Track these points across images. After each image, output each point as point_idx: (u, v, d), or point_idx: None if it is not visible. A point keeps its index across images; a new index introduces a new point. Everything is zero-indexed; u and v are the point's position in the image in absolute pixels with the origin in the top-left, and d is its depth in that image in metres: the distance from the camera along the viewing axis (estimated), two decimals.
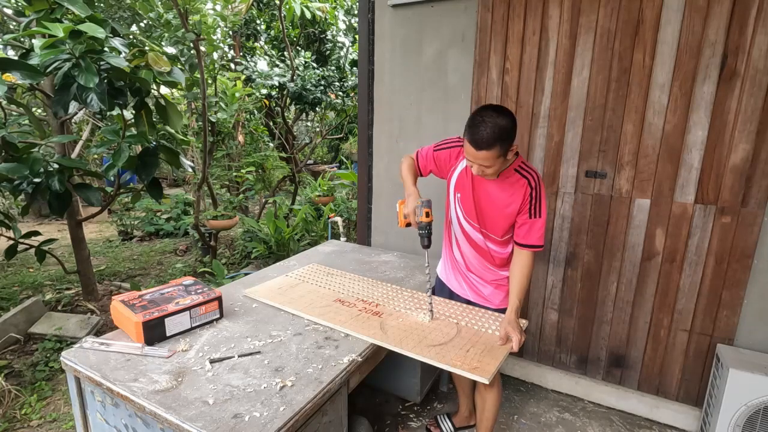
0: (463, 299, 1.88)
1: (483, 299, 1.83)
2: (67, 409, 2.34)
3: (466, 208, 1.70)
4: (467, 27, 2.39)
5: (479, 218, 1.68)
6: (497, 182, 1.61)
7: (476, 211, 1.67)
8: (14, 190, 2.53)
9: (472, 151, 1.45)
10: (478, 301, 1.84)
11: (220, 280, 3.72)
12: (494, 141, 1.40)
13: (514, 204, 1.59)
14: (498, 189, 1.61)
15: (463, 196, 1.69)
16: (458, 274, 1.88)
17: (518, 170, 1.59)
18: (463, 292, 1.88)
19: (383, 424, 2.25)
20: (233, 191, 5.76)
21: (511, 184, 1.59)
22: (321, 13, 5.99)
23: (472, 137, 1.43)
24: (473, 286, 1.84)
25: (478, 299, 1.84)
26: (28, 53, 2.35)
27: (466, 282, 1.86)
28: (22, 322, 2.95)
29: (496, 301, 1.81)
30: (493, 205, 1.63)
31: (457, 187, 1.71)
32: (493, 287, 1.80)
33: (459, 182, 1.70)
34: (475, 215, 1.68)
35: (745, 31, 1.82)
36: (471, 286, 1.84)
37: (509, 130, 1.43)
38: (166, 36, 3.99)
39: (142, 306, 1.55)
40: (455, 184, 1.72)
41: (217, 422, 1.13)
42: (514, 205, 1.59)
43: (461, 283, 1.88)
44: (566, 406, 2.40)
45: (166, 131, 3.07)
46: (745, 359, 1.92)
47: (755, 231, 1.93)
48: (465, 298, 1.88)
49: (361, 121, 2.88)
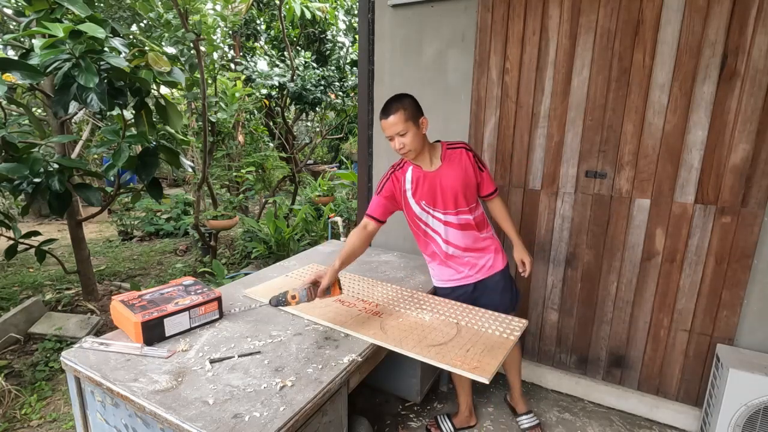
0: (471, 284, 1.97)
1: (489, 269, 1.96)
2: (67, 409, 2.34)
3: (438, 204, 1.86)
4: (467, 27, 2.39)
5: (451, 203, 1.86)
6: (445, 167, 1.83)
7: (446, 199, 1.85)
8: (14, 190, 2.53)
9: (384, 124, 1.72)
10: (486, 275, 1.96)
11: (220, 280, 3.72)
12: (397, 107, 1.69)
13: (469, 171, 1.84)
14: (450, 171, 1.82)
15: (428, 200, 1.86)
16: (457, 265, 1.97)
17: (450, 148, 1.86)
18: (468, 276, 1.97)
19: (383, 424, 2.25)
20: (233, 191, 5.76)
21: (455, 160, 1.83)
22: (321, 13, 6.00)
23: (382, 110, 1.73)
24: (474, 265, 1.96)
25: (486, 272, 1.97)
26: (28, 53, 2.35)
27: (466, 266, 1.96)
28: (22, 322, 2.95)
29: (500, 264, 1.98)
30: (456, 185, 1.82)
31: (417, 197, 1.88)
32: (488, 254, 1.96)
33: (416, 193, 1.87)
34: (446, 203, 1.86)
35: (745, 31, 1.82)
36: (472, 266, 1.96)
37: (410, 101, 1.73)
38: (166, 36, 3.99)
39: (141, 306, 1.55)
40: (413, 197, 1.88)
41: (217, 422, 1.13)
42: (469, 172, 1.84)
43: (463, 270, 1.96)
44: (566, 406, 2.40)
45: (166, 131, 3.07)
46: (745, 359, 1.92)
47: (755, 231, 1.93)
48: (472, 282, 1.97)
49: (361, 121, 2.88)
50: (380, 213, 1.89)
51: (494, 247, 1.98)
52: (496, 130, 2.41)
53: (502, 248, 2.02)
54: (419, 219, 1.92)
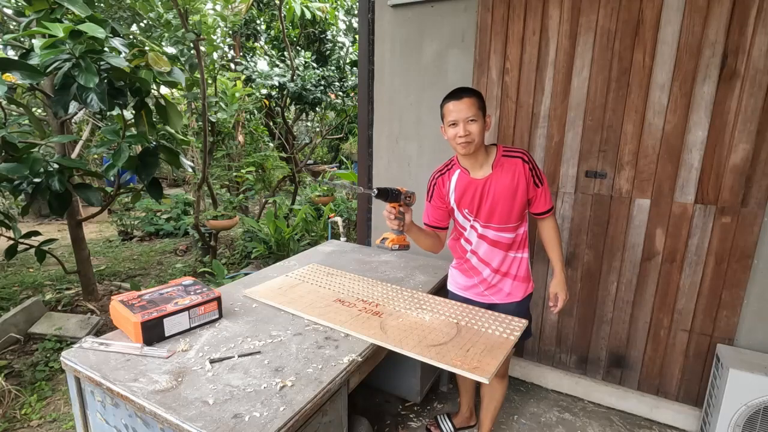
0: (485, 304, 1.86)
1: (506, 296, 1.83)
2: (67, 409, 2.34)
3: (480, 216, 1.74)
4: (467, 27, 2.39)
5: (495, 217, 1.72)
6: (495, 176, 1.67)
7: (488, 212, 1.71)
8: (14, 190, 2.53)
9: (455, 105, 1.58)
10: (502, 300, 1.84)
11: (220, 280, 3.72)
12: (471, 93, 1.59)
13: (521, 185, 1.66)
14: (500, 180, 1.66)
15: (471, 208, 1.74)
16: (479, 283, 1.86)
17: (506, 155, 1.68)
18: (483, 295, 1.87)
19: (383, 424, 2.25)
20: (233, 191, 5.76)
21: (509, 169, 1.66)
22: (321, 13, 6.00)
23: (453, 93, 1.60)
24: (491, 286, 1.84)
25: (502, 298, 1.84)
26: (28, 53, 2.34)
27: (483, 283, 1.85)
28: (22, 322, 2.95)
29: (519, 294, 1.83)
30: (503, 198, 1.67)
31: (460, 205, 1.76)
32: (509, 279, 1.81)
33: (459, 200, 1.75)
34: (489, 216, 1.72)
35: (745, 31, 1.82)
36: (489, 286, 1.84)
37: (479, 93, 1.62)
38: (166, 36, 3.99)
39: (141, 306, 1.55)
40: (456, 203, 1.77)
41: (217, 422, 1.13)
42: (521, 186, 1.66)
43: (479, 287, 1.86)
44: (566, 406, 2.40)
45: (166, 131, 3.07)
46: (745, 359, 1.92)
47: (755, 231, 1.93)
48: (486, 302, 1.86)
49: (361, 121, 2.88)
50: (433, 219, 1.83)
51: (520, 275, 1.81)
52: (496, 130, 2.41)
53: (530, 277, 1.86)
54: (459, 225, 1.84)
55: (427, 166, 2.58)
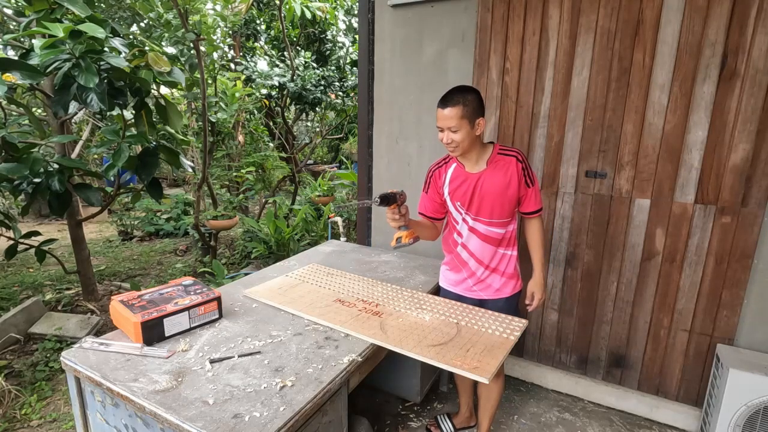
0: (475, 300, 1.89)
1: (495, 292, 1.86)
2: (67, 409, 2.34)
3: (471, 209, 1.78)
4: (467, 27, 2.38)
5: (485, 211, 1.76)
6: (489, 172, 1.73)
7: (480, 206, 1.76)
8: (14, 190, 2.53)
9: (439, 113, 1.63)
10: (490, 296, 1.87)
11: (220, 280, 3.72)
12: (458, 100, 1.60)
13: (513, 182, 1.72)
14: (493, 177, 1.72)
15: (463, 201, 1.79)
16: (467, 277, 1.89)
17: (502, 153, 1.74)
18: (471, 290, 1.90)
19: (383, 424, 2.25)
20: (233, 191, 5.76)
21: (502, 167, 1.72)
22: (321, 13, 5.99)
23: (442, 99, 1.63)
24: (480, 281, 1.87)
25: (491, 294, 1.87)
26: (28, 53, 2.34)
27: (472, 277, 1.88)
28: (22, 322, 2.95)
29: (508, 290, 1.87)
30: (494, 194, 1.73)
31: (453, 197, 1.81)
32: (497, 275, 1.85)
33: (453, 193, 1.80)
34: (479, 210, 1.77)
35: (745, 31, 1.82)
36: (479, 281, 1.87)
37: (473, 98, 1.62)
38: (166, 36, 3.98)
39: (140, 306, 1.55)
40: (450, 196, 1.82)
41: (217, 422, 1.13)
42: (513, 184, 1.72)
43: (468, 281, 1.89)
44: (566, 406, 2.40)
45: (166, 131, 3.07)
46: (745, 359, 1.92)
47: (755, 231, 1.93)
48: (476, 298, 1.89)
49: (361, 121, 2.88)
50: (430, 210, 1.87)
51: (508, 272, 1.85)
52: (496, 130, 2.41)
53: (518, 274, 1.89)
54: (453, 218, 1.86)
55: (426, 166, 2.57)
